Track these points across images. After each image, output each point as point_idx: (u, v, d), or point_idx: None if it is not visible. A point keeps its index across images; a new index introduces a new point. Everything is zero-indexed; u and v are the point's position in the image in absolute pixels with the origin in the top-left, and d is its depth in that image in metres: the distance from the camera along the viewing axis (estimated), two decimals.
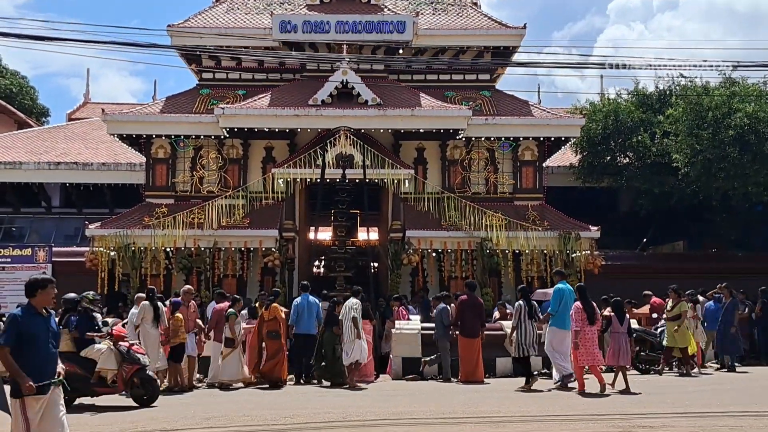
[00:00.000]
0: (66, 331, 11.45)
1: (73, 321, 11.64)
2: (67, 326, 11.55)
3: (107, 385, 11.50)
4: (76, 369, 11.16)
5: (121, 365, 11.45)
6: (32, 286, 6.50)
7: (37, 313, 6.44)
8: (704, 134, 22.23)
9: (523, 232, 21.21)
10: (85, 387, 11.38)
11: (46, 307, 6.58)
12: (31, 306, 6.44)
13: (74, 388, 11.00)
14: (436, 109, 21.77)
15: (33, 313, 6.41)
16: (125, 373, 11.46)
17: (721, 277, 22.26)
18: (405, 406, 11.39)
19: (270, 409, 11.09)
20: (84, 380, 11.32)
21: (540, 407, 11.16)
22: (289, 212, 21.82)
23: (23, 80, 44.17)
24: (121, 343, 11.68)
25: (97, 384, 11.45)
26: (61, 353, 11.11)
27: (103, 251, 21.08)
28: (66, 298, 12.05)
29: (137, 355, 11.72)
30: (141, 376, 11.62)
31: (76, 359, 11.38)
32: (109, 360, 11.47)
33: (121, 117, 22.88)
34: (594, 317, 12.76)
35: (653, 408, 10.97)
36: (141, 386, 11.61)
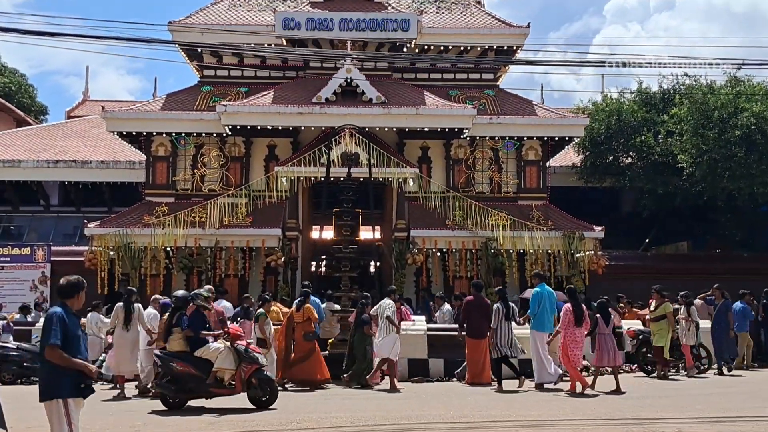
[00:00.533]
0: (179, 329, 11.12)
1: (185, 319, 11.23)
2: (179, 325, 11.16)
3: (224, 386, 11.04)
4: (190, 369, 10.91)
5: (239, 365, 11.00)
6: (73, 288, 6.26)
7: (73, 314, 6.24)
8: (710, 134, 22.05)
9: (528, 231, 21.05)
10: (201, 388, 10.99)
11: None
12: (67, 306, 6.21)
13: (188, 389, 11.01)
14: (441, 107, 21.58)
15: (71, 314, 6.20)
16: (244, 373, 10.99)
17: (726, 278, 22.21)
18: (413, 410, 11.19)
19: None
20: (199, 381, 10.96)
21: (551, 411, 10.98)
22: (292, 211, 21.62)
23: (22, 78, 43.93)
24: (239, 342, 11.28)
25: (213, 385, 10.99)
26: (173, 353, 11.14)
27: (103, 250, 20.85)
28: (177, 296, 11.69)
29: (255, 355, 11.32)
30: (259, 376, 11.17)
31: (190, 359, 11.04)
32: (227, 360, 11.02)
33: (121, 114, 22.64)
34: (582, 319, 12.88)
35: (665, 412, 10.80)
36: (259, 387, 11.12)
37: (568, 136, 23.07)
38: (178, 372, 11.00)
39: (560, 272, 21.64)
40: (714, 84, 23.84)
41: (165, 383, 11.14)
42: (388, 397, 12.79)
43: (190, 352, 11.17)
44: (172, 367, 11.02)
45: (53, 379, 5.98)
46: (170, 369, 11.04)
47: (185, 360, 11.00)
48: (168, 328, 11.30)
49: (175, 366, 11.01)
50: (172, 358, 11.09)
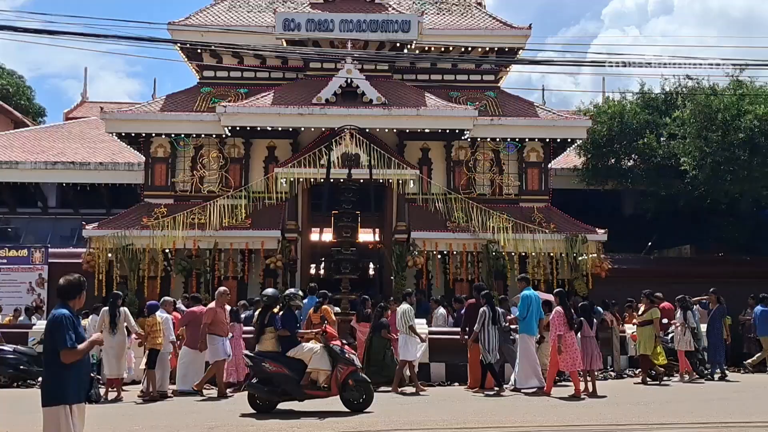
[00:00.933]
0: (271, 329, 10.89)
1: (278, 319, 10.96)
2: (271, 324, 10.93)
3: (319, 387, 10.79)
4: (283, 370, 10.66)
5: (335, 366, 10.76)
6: (75, 288, 6.10)
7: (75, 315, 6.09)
8: (713, 137, 21.89)
9: (530, 234, 20.86)
10: (295, 390, 10.72)
11: None
12: (70, 307, 6.04)
13: (282, 391, 10.74)
14: (442, 109, 21.40)
15: (75, 315, 6.07)
16: (340, 375, 10.73)
17: (729, 282, 22.06)
18: (416, 415, 11.00)
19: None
20: (293, 382, 10.70)
21: (557, 416, 10.82)
22: (291, 213, 21.44)
23: (20, 80, 43.72)
24: (334, 343, 11.07)
25: (308, 386, 10.74)
26: (265, 353, 10.90)
27: (101, 252, 20.63)
28: (268, 294, 11.44)
29: (351, 356, 11.10)
30: (356, 378, 10.91)
31: (283, 360, 10.78)
32: (323, 361, 10.78)
33: (120, 115, 22.46)
34: (573, 322, 12.96)
35: (673, 417, 10.63)
36: (355, 389, 10.86)
37: (570, 138, 22.90)
38: (271, 373, 10.72)
39: (562, 275, 21.45)
40: (716, 86, 23.68)
41: (257, 384, 10.82)
42: (389, 401, 12.58)
43: (282, 352, 10.87)
44: (264, 368, 10.75)
45: (59, 384, 5.84)
46: (262, 370, 10.76)
47: (277, 360, 10.72)
48: (260, 327, 11.03)
49: (267, 366, 10.73)
50: (264, 358, 10.81)
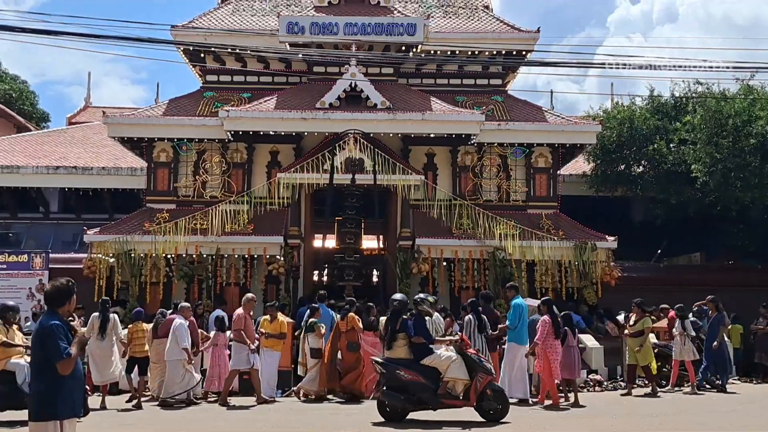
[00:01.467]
0: (403, 335, 10.67)
1: (410, 325, 10.73)
2: (403, 330, 10.70)
3: (456, 396, 10.56)
4: (419, 378, 10.45)
5: (475, 375, 10.53)
6: (63, 294, 5.73)
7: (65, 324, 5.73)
8: (724, 143, 21.51)
9: (538, 241, 20.46)
10: (431, 398, 10.51)
11: None
12: (59, 315, 5.68)
13: (417, 399, 10.52)
14: (448, 113, 21.05)
15: (65, 322, 5.70)
16: (479, 384, 10.51)
17: (740, 290, 21.67)
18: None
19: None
20: (429, 391, 10.49)
21: (567, 430, 10.43)
22: (294, 218, 21.09)
23: (23, 85, 43.64)
24: (470, 351, 10.87)
25: (445, 395, 10.52)
26: (397, 360, 10.65)
27: (102, 258, 20.34)
28: (398, 300, 11.21)
29: (489, 365, 10.94)
30: (493, 387, 10.72)
31: (418, 368, 10.58)
32: (461, 369, 10.57)
33: (123, 119, 22.18)
34: (560, 331, 12.93)
35: (688, 429, 10.26)
36: (492, 399, 10.64)
37: (580, 143, 22.49)
38: (406, 381, 10.50)
39: (571, 283, 21.05)
40: (727, 91, 23.31)
41: (392, 392, 10.58)
42: None
43: (415, 359, 10.64)
44: (399, 376, 10.52)
45: (49, 398, 5.48)
46: (396, 377, 10.53)
47: (412, 368, 10.51)
48: (392, 334, 10.79)
49: (402, 374, 10.51)
50: (398, 366, 10.59)
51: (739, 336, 19.23)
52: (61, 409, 5.49)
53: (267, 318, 14.39)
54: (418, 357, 10.67)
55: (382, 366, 10.74)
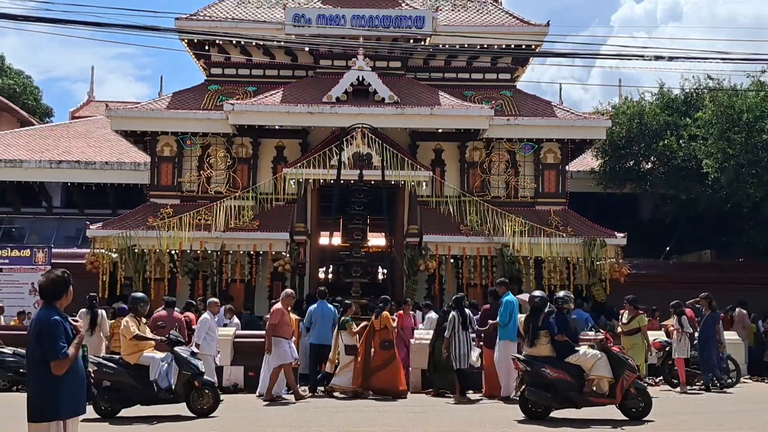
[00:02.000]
0: (545, 332, 10.56)
1: (553, 323, 10.59)
2: (545, 328, 10.58)
3: (602, 394, 10.39)
4: (566, 376, 10.32)
5: (621, 373, 10.36)
6: (60, 286, 5.33)
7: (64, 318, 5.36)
8: (737, 138, 21.19)
9: (546, 238, 20.17)
10: (577, 396, 10.38)
11: None
12: (57, 309, 5.31)
13: (563, 397, 10.38)
14: (457, 108, 20.75)
15: (65, 318, 5.33)
16: (625, 382, 10.35)
17: (752, 288, 21.36)
18: (433, 426, 10.36)
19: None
20: (575, 389, 10.38)
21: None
22: (300, 214, 20.82)
23: (27, 80, 43.37)
24: (614, 348, 10.77)
25: (591, 393, 10.37)
26: (540, 358, 10.44)
27: (105, 253, 20.07)
28: (539, 296, 11.08)
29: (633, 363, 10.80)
30: (637, 386, 10.58)
31: (562, 365, 10.45)
32: (606, 367, 10.39)
33: (126, 113, 21.95)
34: None
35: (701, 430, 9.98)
36: (636, 397, 10.53)
37: (589, 138, 22.20)
38: (552, 378, 10.37)
39: (579, 281, 20.77)
40: (740, 86, 22.98)
41: (538, 390, 10.44)
42: (404, 409, 11.92)
43: (558, 357, 10.53)
44: (544, 374, 10.39)
45: (50, 397, 5.14)
46: (541, 375, 10.40)
47: (557, 366, 10.38)
48: (534, 331, 10.70)
49: (548, 372, 10.37)
50: (543, 363, 10.46)
51: (753, 335, 18.91)
52: (64, 407, 5.17)
53: None
54: (561, 355, 10.56)
55: (526, 364, 10.61)
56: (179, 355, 10.97)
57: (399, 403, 12.67)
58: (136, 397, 10.84)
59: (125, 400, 10.88)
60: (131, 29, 11.52)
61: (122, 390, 10.80)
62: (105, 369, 10.80)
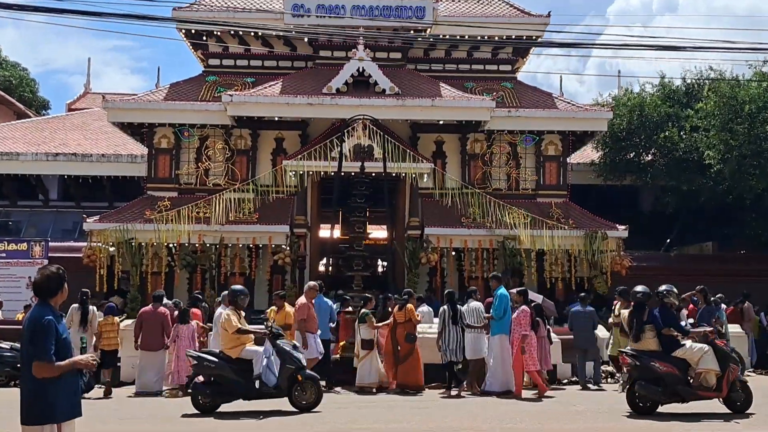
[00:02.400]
0: (651, 327, 10.59)
1: (657, 316, 10.64)
2: (651, 322, 10.63)
3: (709, 388, 10.38)
4: (674, 370, 10.32)
5: (727, 366, 10.36)
6: (55, 282, 5.07)
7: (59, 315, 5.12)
8: (739, 129, 21.02)
9: (548, 230, 20.01)
10: (685, 390, 10.39)
11: None
12: (52, 306, 5.06)
13: (672, 391, 10.37)
14: (458, 99, 20.55)
15: (58, 315, 5.07)
16: (731, 375, 10.37)
17: (754, 281, 21.24)
18: (437, 421, 10.22)
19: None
20: (683, 383, 10.39)
21: (585, 425, 10.01)
22: (300, 207, 20.63)
23: (24, 72, 43.00)
24: (720, 342, 10.77)
25: (699, 387, 10.40)
26: (648, 353, 10.37)
27: (102, 246, 19.85)
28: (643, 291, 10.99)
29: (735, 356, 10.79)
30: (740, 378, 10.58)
31: (670, 360, 10.41)
32: (713, 361, 10.37)
33: (123, 104, 21.68)
34: (538, 321, 12.89)
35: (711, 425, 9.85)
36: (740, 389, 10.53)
37: (591, 130, 22.03)
38: (661, 373, 10.37)
39: (581, 273, 20.63)
40: (742, 77, 22.81)
41: (648, 385, 10.44)
42: (406, 404, 11.78)
43: (665, 351, 10.53)
44: (653, 368, 10.40)
45: (42, 399, 4.89)
46: (651, 369, 10.41)
47: (665, 360, 10.39)
48: (640, 326, 10.72)
49: (657, 366, 10.38)
50: (651, 358, 10.47)
51: (757, 328, 18.78)
52: (59, 409, 4.93)
53: (274, 308, 13.97)
54: (668, 349, 10.55)
55: (635, 358, 10.60)
56: (282, 349, 10.79)
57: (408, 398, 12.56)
58: (238, 391, 10.67)
59: (226, 395, 10.70)
60: (128, 18, 11.30)
61: (224, 384, 10.61)
62: (206, 363, 10.66)
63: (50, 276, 5.10)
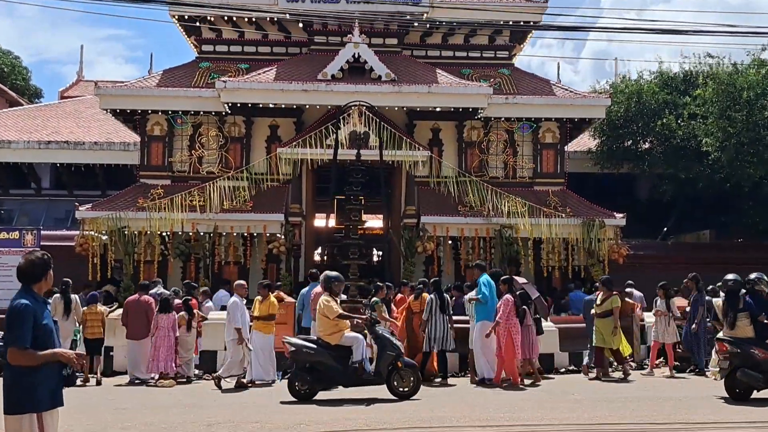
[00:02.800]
0: (745, 314, 10.65)
1: (751, 304, 10.69)
2: (746, 309, 10.68)
3: None
4: None
5: None
6: (39, 268, 4.92)
7: (42, 302, 4.94)
8: (738, 116, 20.84)
9: (546, 219, 19.83)
10: None
11: None
12: (34, 293, 4.90)
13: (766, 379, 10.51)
14: (455, 86, 20.30)
15: (40, 302, 4.90)
16: None
17: (752, 269, 21.05)
18: (438, 411, 10.05)
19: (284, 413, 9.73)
20: None
21: (590, 414, 9.86)
22: (295, 195, 20.41)
23: (16, 60, 42.55)
24: None
25: None
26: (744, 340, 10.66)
27: (94, 235, 19.60)
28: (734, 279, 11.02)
29: None
30: None
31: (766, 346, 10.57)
32: None
33: (115, 91, 21.36)
34: (519, 311, 12.71)
35: (705, 414, 9.71)
36: None
37: (589, 117, 21.83)
38: (760, 359, 10.54)
39: (578, 262, 20.49)
40: (741, 64, 22.60)
41: (750, 372, 10.57)
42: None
43: (759, 337, 10.60)
44: (754, 355, 10.53)
45: (23, 387, 4.74)
46: (751, 357, 10.54)
47: (763, 347, 10.50)
48: (734, 313, 10.77)
49: (757, 353, 10.52)
50: (750, 345, 10.59)
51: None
52: (40, 400, 4.77)
53: (258, 298, 13.64)
54: (763, 336, 10.67)
55: (734, 345, 10.70)
56: (382, 335, 10.72)
57: None
58: (337, 378, 10.62)
59: (326, 382, 10.69)
60: (121, 1, 11.05)
61: (323, 371, 10.57)
62: (305, 350, 10.60)
63: (34, 262, 4.95)
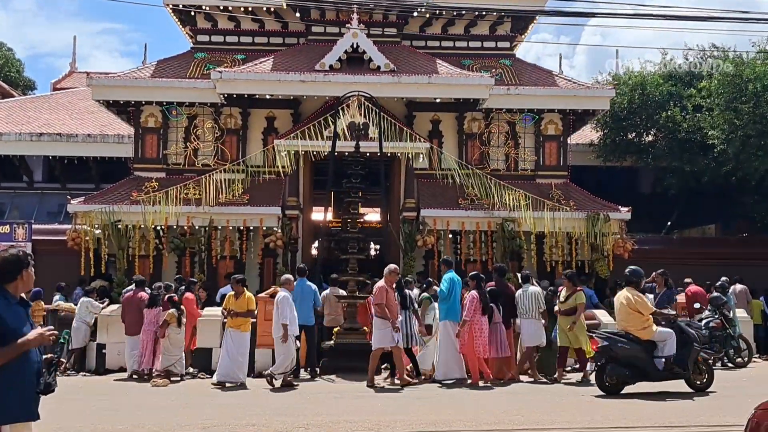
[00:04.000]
0: None
1: None
2: None
3: None
4: None
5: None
6: (13, 265, 4.51)
7: (16, 303, 4.51)
8: (744, 108, 20.43)
9: (549, 212, 19.40)
10: None
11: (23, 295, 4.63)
12: (6, 292, 4.48)
13: None
14: (456, 76, 19.84)
15: (12, 303, 4.48)
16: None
17: (757, 264, 20.76)
18: (429, 414, 9.69)
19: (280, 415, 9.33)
20: None
21: (592, 416, 9.50)
22: (292, 188, 19.96)
23: (9, 52, 41.96)
24: None
25: None
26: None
27: (87, 229, 19.14)
28: None
29: None
30: None
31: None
32: None
33: (108, 81, 20.87)
34: (487, 308, 12.50)
35: (715, 415, 9.34)
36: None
37: (592, 109, 21.38)
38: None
39: (582, 256, 20.07)
40: (746, 56, 22.16)
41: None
42: (407, 396, 11.22)
43: None
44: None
45: None
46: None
47: None
48: None
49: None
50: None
51: (761, 312, 18.30)
52: (9, 412, 4.33)
53: (232, 294, 12.97)
54: None
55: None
56: (688, 330, 10.94)
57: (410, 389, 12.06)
58: (646, 373, 10.82)
59: (634, 377, 10.85)
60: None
61: (633, 366, 10.79)
62: (619, 344, 10.81)
63: (7, 259, 4.51)
